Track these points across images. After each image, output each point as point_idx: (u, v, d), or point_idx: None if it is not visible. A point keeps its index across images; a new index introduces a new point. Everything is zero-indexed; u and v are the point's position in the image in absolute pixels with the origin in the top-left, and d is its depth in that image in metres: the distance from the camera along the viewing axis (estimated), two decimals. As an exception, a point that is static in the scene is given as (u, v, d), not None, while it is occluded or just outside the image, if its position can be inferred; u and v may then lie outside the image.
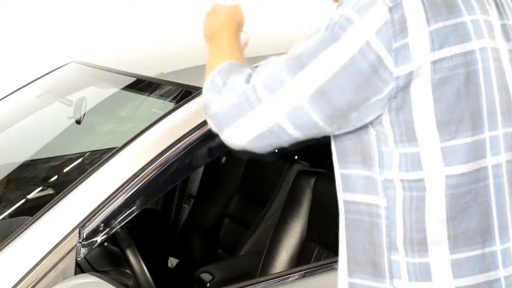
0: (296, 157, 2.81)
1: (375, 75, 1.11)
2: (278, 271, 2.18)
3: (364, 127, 1.19)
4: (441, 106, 1.14)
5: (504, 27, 1.26)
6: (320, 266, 1.83)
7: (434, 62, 1.13)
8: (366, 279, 1.24)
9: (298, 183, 2.33)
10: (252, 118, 1.18)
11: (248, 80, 1.22)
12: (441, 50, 1.13)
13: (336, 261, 1.80)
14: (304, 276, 1.77)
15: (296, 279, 1.76)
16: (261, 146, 1.21)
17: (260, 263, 2.28)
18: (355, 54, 1.11)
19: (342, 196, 1.27)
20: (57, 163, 2.39)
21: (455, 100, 1.15)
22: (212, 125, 1.28)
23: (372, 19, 1.11)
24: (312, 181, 2.28)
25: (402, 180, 1.18)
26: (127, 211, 1.54)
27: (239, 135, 1.21)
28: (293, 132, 1.17)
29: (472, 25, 1.18)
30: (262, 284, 1.73)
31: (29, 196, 2.12)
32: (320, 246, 2.20)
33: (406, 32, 1.11)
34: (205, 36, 1.48)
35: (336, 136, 1.24)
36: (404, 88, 1.13)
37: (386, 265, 1.22)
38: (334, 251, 2.13)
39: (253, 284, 1.73)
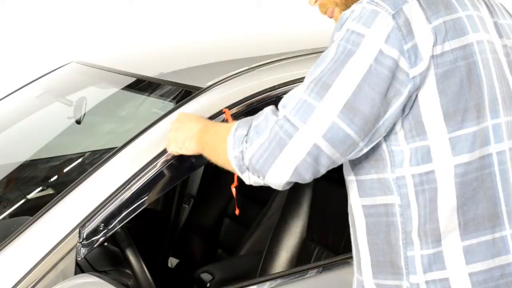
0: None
1: (394, 79, 1.16)
2: (278, 271, 2.18)
3: None
4: (446, 98, 1.19)
5: (496, 24, 1.32)
6: (320, 266, 1.83)
7: (437, 57, 1.18)
8: (388, 279, 1.28)
9: (298, 183, 2.32)
10: (291, 147, 1.18)
11: (275, 114, 1.23)
12: (442, 44, 1.18)
13: (336, 261, 1.82)
14: (304, 276, 1.77)
15: (296, 279, 1.76)
16: (303, 177, 1.21)
17: (260, 263, 2.28)
18: (371, 64, 1.15)
19: (359, 201, 1.30)
20: (57, 163, 2.39)
21: (459, 92, 1.19)
22: (249, 178, 1.26)
23: (380, 29, 1.16)
24: (312, 181, 2.28)
25: (413, 175, 1.22)
26: (127, 211, 1.54)
27: (282, 171, 1.20)
28: (330, 152, 1.18)
29: (467, 20, 1.24)
30: (262, 284, 1.73)
31: (29, 196, 2.12)
32: (320, 246, 2.20)
33: (413, 33, 1.16)
34: (198, 147, 1.44)
35: None
36: (419, 87, 1.18)
37: (402, 262, 1.26)
38: (334, 251, 2.14)
39: (253, 284, 1.74)
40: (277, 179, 1.21)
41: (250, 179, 1.26)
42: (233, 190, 1.57)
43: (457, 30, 1.21)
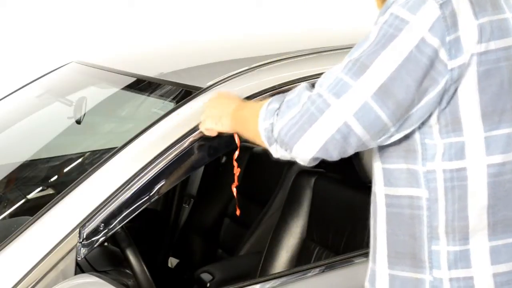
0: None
1: (432, 68, 1.16)
2: (278, 271, 2.18)
3: None
4: (485, 97, 1.20)
5: None
6: (320, 266, 1.82)
7: (480, 55, 1.18)
8: (405, 271, 1.28)
9: (298, 183, 2.33)
10: (321, 122, 1.19)
11: (308, 89, 1.24)
12: (488, 43, 1.19)
13: (336, 261, 1.82)
14: (304, 276, 1.77)
15: (296, 279, 1.76)
16: (330, 154, 1.21)
17: (260, 263, 2.28)
18: (412, 50, 1.16)
19: (383, 190, 1.31)
20: (57, 163, 2.39)
21: (499, 92, 1.20)
22: (277, 151, 1.27)
23: (425, 17, 1.16)
24: (312, 181, 2.28)
25: (444, 170, 1.22)
26: (127, 211, 1.54)
27: (309, 146, 1.20)
28: (360, 133, 1.19)
29: None
30: (262, 284, 1.73)
31: (29, 196, 2.12)
32: (320, 246, 2.20)
33: (457, 26, 1.17)
34: (233, 124, 1.47)
35: None
36: (457, 80, 1.18)
37: (426, 255, 1.26)
38: (334, 251, 2.14)
39: (253, 284, 1.73)
40: (304, 153, 1.22)
41: (278, 152, 1.28)
42: (234, 190, 1.57)
43: (502, 30, 1.21)
